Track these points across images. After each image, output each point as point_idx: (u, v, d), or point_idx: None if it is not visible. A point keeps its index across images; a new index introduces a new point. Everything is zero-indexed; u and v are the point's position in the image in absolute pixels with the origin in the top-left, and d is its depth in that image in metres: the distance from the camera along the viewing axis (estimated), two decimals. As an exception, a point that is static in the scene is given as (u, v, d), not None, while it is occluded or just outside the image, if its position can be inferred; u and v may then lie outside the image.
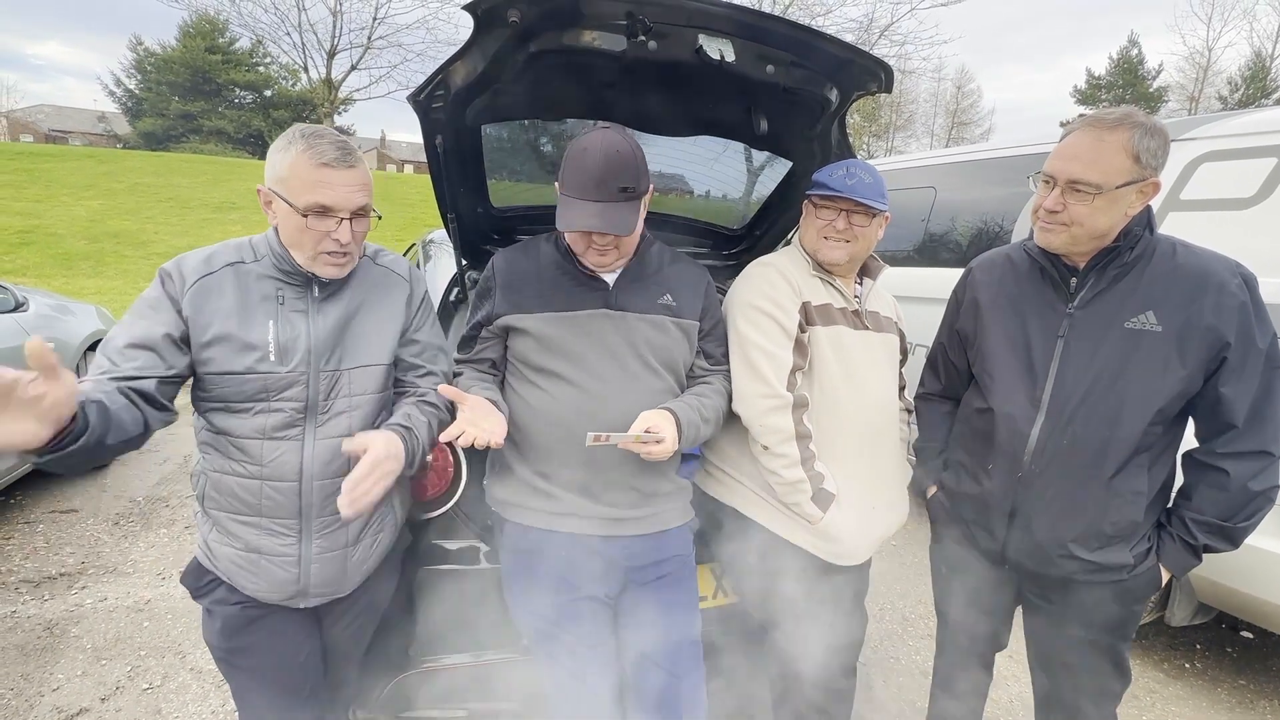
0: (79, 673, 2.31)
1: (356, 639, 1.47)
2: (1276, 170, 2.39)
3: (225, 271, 1.22)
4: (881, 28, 16.05)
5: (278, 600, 1.29)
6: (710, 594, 1.76)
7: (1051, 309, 1.38)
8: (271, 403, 1.21)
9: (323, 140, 1.18)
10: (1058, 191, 1.25)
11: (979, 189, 3.83)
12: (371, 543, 1.36)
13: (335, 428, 1.26)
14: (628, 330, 1.43)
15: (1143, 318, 1.28)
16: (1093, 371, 1.32)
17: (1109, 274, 1.32)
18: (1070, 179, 1.23)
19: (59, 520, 3.41)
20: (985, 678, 1.71)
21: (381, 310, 1.35)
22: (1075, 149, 1.24)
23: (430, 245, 2.65)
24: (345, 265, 1.26)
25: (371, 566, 1.38)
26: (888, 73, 1.64)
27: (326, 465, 1.25)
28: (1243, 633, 2.98)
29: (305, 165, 1.16)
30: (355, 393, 1.29)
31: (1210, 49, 31.01)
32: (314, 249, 1.21)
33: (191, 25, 34.79)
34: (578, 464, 1.40)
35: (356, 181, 1.20)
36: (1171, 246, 1.31)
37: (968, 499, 1.51)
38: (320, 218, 1.18)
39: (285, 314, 1.24)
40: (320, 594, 1.32)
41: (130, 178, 16.29)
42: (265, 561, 1.26)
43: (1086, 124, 1.26)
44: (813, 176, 1.58)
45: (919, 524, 3.99)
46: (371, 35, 20.78)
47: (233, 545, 1.26)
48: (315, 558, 1.28)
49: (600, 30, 1.45)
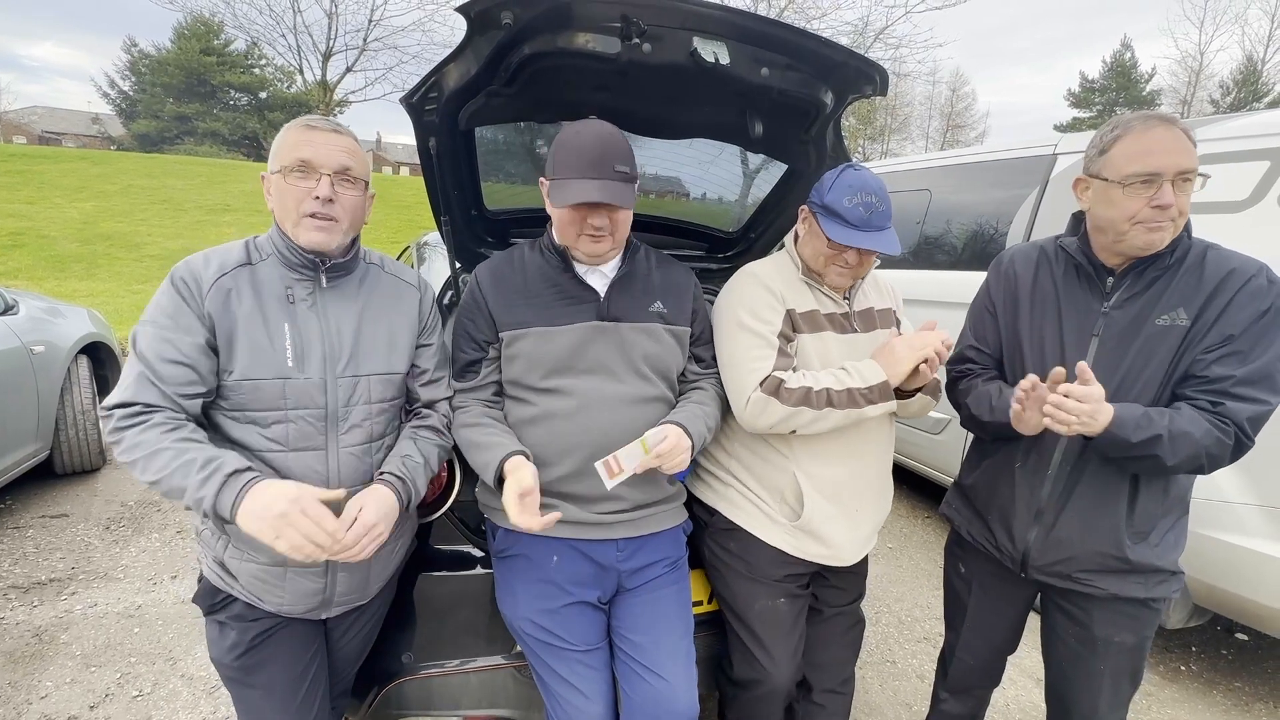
0: (68, 680, 2.28)
1: (361, 647, 1.46)
2: (1269, 173, 2.40)
3: (239, 272, 1.21)
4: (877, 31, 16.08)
5: (301, 613, 1.27)
6: (705, 599, 1.75)
7: (1087, 308, 1.37)
8: (289, 411, 1.19)
9: (314, 117, 1.24)
10: (1169, 186, 1.22)
11: (974, 192, 3.84)
12: (393, 548, 1.36)
13: (357, 435, 1.25)
14: (621, 341, 1.42)
15: (1172, 314, 1.28)
16: (1123, 369, 1.32)
17: (1147, 276, 1.31)
18: (1180, 170, 1.21)
19: (49, 525, 3.37)
20: (992, 682, 1.71)
21: (397, 317, 1.34)
22: (1168, 143, 1.22)
23: (424, 248, 2.64)
24: (332, 232, 1.21)
25: (392, 571, 1.39)
26: (882, 76, 1.64)
27: (353, 473, 1.24)
28: (1238, 635, 2.99)
29: (292, 131, 1.21)
30: (374, 400, 1.28)
31: (1202, 52, 31.24)
32: (297, 211, 1.19)
33: (186, 27, 34.70)
34: (571, 477, 1.39)
35: (339, 144, 1.21)
36: (1204, 247, 1.32)
37: (993, 498, 1.50)
38: (302, 176, 1.19)
39: (298, 314, 1.22)
40: (343, 603, 1.31)
41: (124, 179, 16.21)
42: (293, 574, 1.23)
43: (1152, 121, 1.24)
44: (824, 199, 1.45)
45: (914, 527, 4.01)
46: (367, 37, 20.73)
47: (256, 561, 1.22)
48: (342, 566, 1.26)
49: (594, 33, 1.44)
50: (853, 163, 1.59)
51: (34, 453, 3.49)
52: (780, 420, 1.42)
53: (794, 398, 1.40)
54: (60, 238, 11.57)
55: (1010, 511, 1.46)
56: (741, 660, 1.61)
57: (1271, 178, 2.39)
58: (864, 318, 1.59)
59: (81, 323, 4.00)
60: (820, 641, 1.67)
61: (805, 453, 1.51)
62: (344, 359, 1.24)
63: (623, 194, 1.32)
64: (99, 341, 4.08)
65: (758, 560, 1.55)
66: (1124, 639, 1.41)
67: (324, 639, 1.37)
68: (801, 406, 1.40)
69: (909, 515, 4.20)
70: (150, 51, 36.76)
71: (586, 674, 1.39)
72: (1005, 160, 3.69)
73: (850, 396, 1.42)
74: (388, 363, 1.30)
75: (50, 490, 3.76)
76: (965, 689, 1.71)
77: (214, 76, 35.70)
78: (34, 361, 3.40)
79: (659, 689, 1.38)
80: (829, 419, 1.42)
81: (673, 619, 1.47)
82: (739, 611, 1.59)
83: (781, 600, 1.57)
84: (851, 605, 1.71)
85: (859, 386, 1.43)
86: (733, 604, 1.61)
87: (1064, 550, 1.39)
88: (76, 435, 3.78)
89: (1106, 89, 36.24)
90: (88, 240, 11.69)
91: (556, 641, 1.38)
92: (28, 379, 3.35)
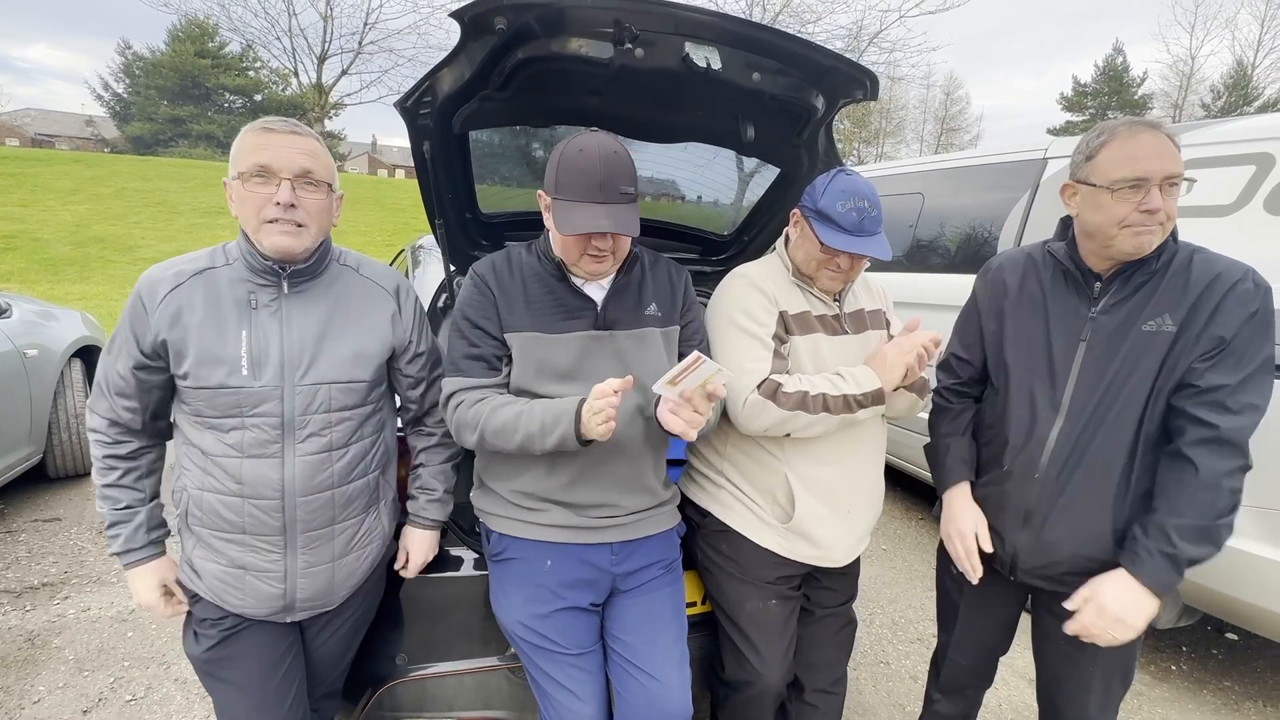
0: (60, 685, 2.27)
1: (341, 649, 1.46)
2: (1255, 178, 2.43)
3: (194, 282, 1.21)
4: (871, 35, 16.20)
5: (264, 615, 1.28)
6: (699, 600, 1.76)
7: (1075, 313, 1.38)
8: (246, 419, 1.20)
9: (271, 119, 1.23)
10: (1157, 191, 1.23)
11: (966, 195, 3.87)
12: (359, 556, 1.35)
13: (314, 444, 1.25)
14: (616, 349, 1.41)
15: (1158, 320, 1.29)
16: (1109, 375, 1.32)
17: (1134, 281, 1.32)
18: (1167, 175, 1.23)
19: (41, 529, 3.36)
20: (985, 683, 1.72)
21: (363, 323, 1.31)
22: (1154, 148, 1.23)
23: (419, 251, 2.64)
24: (297, 237, 1.19)
25: (359, 579, 1.37)
26: (873, 81, 1.66)
27: (309, 481, 1.24)
28: (1227, 634, 3.01)
29: (249, 135, 1.20)
30: (335, 408, 1.26)
31: (1193, 57, 31.56)
32: (257, 216, 1.18)
33: (181, 29, 34.67)
34: (568, 486, 1.39)
35: (298, 146, 1.19)
36: (1190, 251, 1.33)
37: (983, 500, 1.51)
38: (261, 181, 1.17)
39: (258, 319, 1.22)
40: (307, 608, 1.31)
41: (117, 182, 16.15)
42: (251, 578, 1.24)
43: (1138, 127, 1.26)
44: (817, 204, 1.46)
45: (907, 529, 4.03)
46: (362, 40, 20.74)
47: (217, 562, 1.24)
48: (302, 572, 1.27)
49: (587, 38, 1.46)
50: (844, 167, 1.60)
51: (27, 456, 3.47)
52: (776, 423, 1.43)
53: (790, 402, 1.41)
54: (53, 241, 11.53)
55: (999, 515, 1.47)
56: (733, 661, 1.62)
57: (1257, 182, 2.42)
58: (854, 319, 1.60)
59: (75, 326, 3.98)
60: (812, 642, 1.68)
61: (797, 454, 1.52)
62: (303, 366, 1.23)
63: (629, 220, 1.28)
64: (92, 345, 4.06)
65: (749, 562, 1.56)
66: None
67: (300, 639, 1.38)
68: (798, 411, 1.41)
69: (903, 517, 4.21)
70: (144, 54, 36.74)
71: (580, 676, 1.40)
72: (997, 164, 3.71)
73: (845, 402, 1.43)
74: (350, 371, 1.28)
75: (43, 494, 3.74)
76: (958, 689, 1.72)
77: (208, 79, 35.66)
78: (27, 365, 3.38)
79: (652, 690, 1.39)
80: (823, 423, 1.44)
81: (666, 620, 1.48)
82: (730, 613, 1.60)
83: (773, 602, 1.58)
84: (843, 606, 1.72)
85: (854, 393, 1.44)
86: (724, 605, 1.62)
87: (1051, 554, 1.40)
88: (69, 439, 3.77)
89: (1099, 93, 36.52)
90: (81, 243, 11.65)
91: (549, 645, 1.39)
92: (20, 382, 3.33)
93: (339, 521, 1.30)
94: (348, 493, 1.30)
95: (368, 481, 1.35)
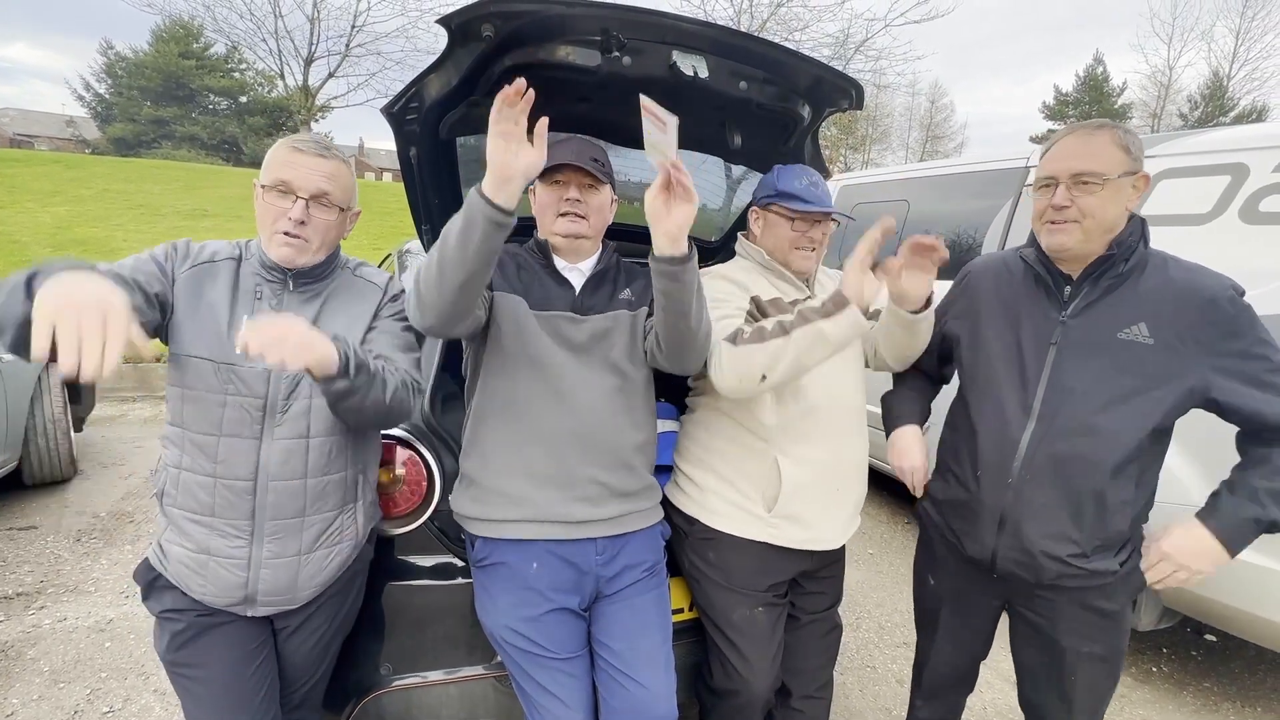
0: (35, 697, 2.22)
1: (317, 656, 1.44)
2: (1230, 187, 2.48)
3: (226, 263, 1.31)
4: (857, 43, 16.30)
5: (224, 605, 1.27)
6: (686, 606, 1.76)
7: (1045, 316, 1.40)
8: (228, 397, 1.23)
9: (304, 137, 1.30)
10: (1063, 189, 1.29)
11: (951, 202, 3.92)
12: (327, 554, 1.34)
13: (292, 429, 1.27)
14: (590, 332, 1.45)
15: (1134, 329, 1.30)
16: (1083, 380, 1.33)
17: (1102, 284, 1.34)
18: (1074, 173, 1.27)
19: (16, 537, 3.29)
20: (966, 688, 1.73)
21: (351, 311, 1.36)
22: (1069, 149, 1.30)
23: (406, 255, 2.63)
24: (301, 251, 1.28)
25: (326, 579, 1.36)
26: (858, 90, 1.68)
27: (283, 466, 1.26)
28: (1207, 636, 3.06)
29: (281, 149, 1.28)
30: (316, 395, 1.28)
31: (1171, 68, 32.12)
32: (271, 227, 1.26)
33: (164, 30, 34.23)
34: (544, 462, 1.41)
35: (322, 168, 1.27)
36: (1164, 260, 1.34)
37: (956, 506, 1.52)
38: (279, 195, 1.25)
39: (260, 309, 1.28)
40: (269, 603, 1.30)
41: (99, 184, 15.91)
42: (214, 563, 1.25)
43: (1070, 131, 1.33)
44: (776, 186, 1.59)
45: (894, 533, 4.06)
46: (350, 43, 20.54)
47: (184, 545, 1.26)
48: (265, 562, 1.27)
49: (574, 46, 1.46)
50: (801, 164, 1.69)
51: (2, 463, 3.40)
52: (748, 365, 1.37)
53: (751, 335, 1.40)
54: (32, 243, 11.32)
55: (974, 521, 1.47)
56: (720, 669, 1.62)
57: (1232, 192, 2.47)
58: None
59: (53, 330, 3.91)
60: (798, 648, 1.68)
61: (783, 436, 1.52)
62: None
63: (598, 168, 1.41)
64: (71, 349, 3.99)
65: (737, 570, 1.56)
66: (1092, 649, 1.42)
67: (272, 641, 1.37)
68: (762, 343, 1.37)
69: (889, 521, 4.24)
70: (127, 54, 36.19)
71: (567, 682, 1.39)
72: (980, 171, 3.77)
73: (802, 315, 1.38)
74: None
75: (18, 501, 3.67)
76: (939, 695, 1.73)
77: (193, 80, 35.25)
78: (3, 370, 3.32)
79: (638, 696, 1.39)
80: (794, 346, 1.36)
81: (651, 626, 1.48)
82: (717, 621, 1.60)
83: (760, 610, 1.58)
84: (828, 611, 1.73)
85: (813, 305, 1.39)
86: (711, 614, 1.62)
87: (1026, 556, 1.40)
88: (47, 445, 3.70)
89: (1080, 102, 37.10)
90: (61, 246, 11.45)
91: (537, 650, 1.38)
92: (-4, 388, 3.27)
93: (309, 514, 1.30)
94: (322, 485, 1.31)
95: (344, 477, 1.35)
